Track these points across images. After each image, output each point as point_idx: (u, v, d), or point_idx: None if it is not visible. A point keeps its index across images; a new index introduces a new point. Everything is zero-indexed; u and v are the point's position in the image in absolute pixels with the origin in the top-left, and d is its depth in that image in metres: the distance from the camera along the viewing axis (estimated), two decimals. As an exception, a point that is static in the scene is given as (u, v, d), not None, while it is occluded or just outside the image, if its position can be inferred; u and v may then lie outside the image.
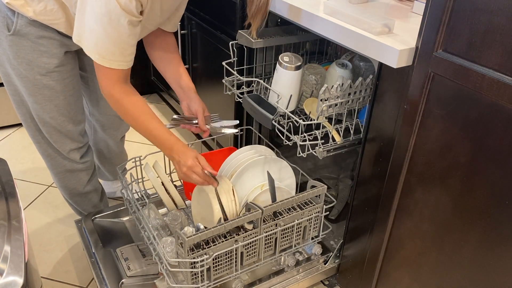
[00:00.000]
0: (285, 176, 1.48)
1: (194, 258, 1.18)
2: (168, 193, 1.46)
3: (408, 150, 1.13)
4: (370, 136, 1.25)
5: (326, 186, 1.34)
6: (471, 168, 1.00)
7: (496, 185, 0.96)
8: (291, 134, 1.30)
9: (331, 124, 1.32)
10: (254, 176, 1.40)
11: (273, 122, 1.31)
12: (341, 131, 1.33)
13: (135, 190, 1.53)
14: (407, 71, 1.08)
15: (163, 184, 1.45)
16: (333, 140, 1.31)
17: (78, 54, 1.43)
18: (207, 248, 1.20)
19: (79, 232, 1.59)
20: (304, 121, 1.27)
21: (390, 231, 1.27)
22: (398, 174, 1.18)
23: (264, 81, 1.48)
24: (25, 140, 2.37)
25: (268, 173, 1.34)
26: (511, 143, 0.91)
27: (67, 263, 1.67)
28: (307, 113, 1.36)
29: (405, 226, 1.22)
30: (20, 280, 0.90)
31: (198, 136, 2.11)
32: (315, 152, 1.29)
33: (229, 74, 1.51)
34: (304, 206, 1.35)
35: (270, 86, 1.40)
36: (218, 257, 1.23)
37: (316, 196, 1.36)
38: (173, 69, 1.43)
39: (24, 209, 1.91)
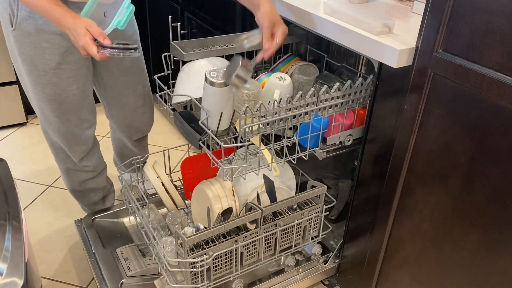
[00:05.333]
0: (285, 176, 1.48)
1: (194, 258, 1.18)
2: (168, 193, 1.46)
3: (408, 150, 1.13)
4: (370, 136, 1.25)
5: (326, 186, 1.34)
6: (471, 168, 1.00)
7: (496, 185, 0.96)
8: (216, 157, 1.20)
9: (268, 143, 1.22)
10: (254, 176, 1.40)
11: (200, 143, 1.19)
12: (280, 152, 1.18)
13: (135, 190, 1.53)
14: (407, 71, 1.08)
15: (163, 184, 1.45)
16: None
17: (93, 59, 1.44)
18: (207, 248, 1.20)
19: (79, 232, 1.59)
20: (226, 143, 1.16)
21: (390, 231, 1.27)
22: (398, 174, 1.18)
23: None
24: (25, 140, 2.37)
25: (265, 176, 1.33)
26: (511, 143, 0.91)
27: (67, 263, 1.67)
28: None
29: (405, 226, 1.22)
30: (20, 280, 0.90)
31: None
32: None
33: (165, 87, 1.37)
34: (304, 206, 1.35)
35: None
36: (218, 257, 1.23)
37: (316, 196, 1.36)
38: None
39: (24, 209, 1.91)
